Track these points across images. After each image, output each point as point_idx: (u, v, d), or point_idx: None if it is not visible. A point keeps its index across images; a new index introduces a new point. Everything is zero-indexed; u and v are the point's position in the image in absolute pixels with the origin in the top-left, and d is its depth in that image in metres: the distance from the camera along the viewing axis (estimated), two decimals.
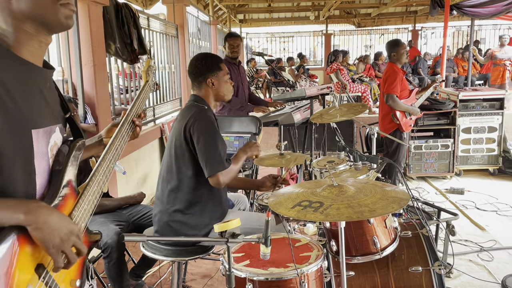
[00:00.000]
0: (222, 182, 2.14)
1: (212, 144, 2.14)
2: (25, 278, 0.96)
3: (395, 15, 15.67)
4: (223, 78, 2.33)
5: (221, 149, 2.19)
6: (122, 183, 3.88)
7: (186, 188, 2.20)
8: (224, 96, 2.36)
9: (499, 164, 5.24)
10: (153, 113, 5.02)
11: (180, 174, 2.21)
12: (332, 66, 8.73)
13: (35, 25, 1.07)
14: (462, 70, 10.22)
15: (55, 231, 1.00)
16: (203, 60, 2.33)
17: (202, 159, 2.14)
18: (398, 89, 4.00)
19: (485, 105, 5.15)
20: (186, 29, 6.55)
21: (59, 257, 1.01)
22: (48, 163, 1.12)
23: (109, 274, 2.38)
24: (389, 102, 4.01)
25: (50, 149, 1.13)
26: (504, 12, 6.17)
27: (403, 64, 4.15)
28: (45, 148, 1.10)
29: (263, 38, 17.57)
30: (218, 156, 2.15)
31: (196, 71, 2.31)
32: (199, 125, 2.15)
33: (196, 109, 2.23)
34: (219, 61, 2.36)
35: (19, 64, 1.06)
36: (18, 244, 0.96)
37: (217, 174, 2.12)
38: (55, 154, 1.15)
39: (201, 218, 2.22)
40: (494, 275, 2.94)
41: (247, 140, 3.23)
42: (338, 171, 2.67)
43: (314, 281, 1.73)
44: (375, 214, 1.54)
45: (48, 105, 1.14)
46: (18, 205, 0.99)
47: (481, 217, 4.01)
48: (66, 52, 3.33)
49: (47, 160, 1.12)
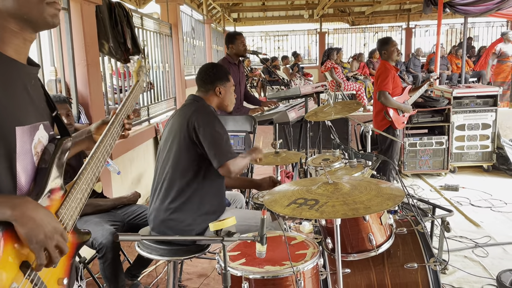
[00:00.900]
0: (232, 171, 2.16)
1: (218, 135, 2.18)
2: (9, 275, 0.95)
3: (389, 13, 15.71)
4: (230, 90, 2.42)
5: (227, 140, 2.23)
6: (116, 183, 3.87)
7: (183, 186, 2.20)
8: (227, 106, 2.44)
9: (493, 160, 5.27)
10: (148, 113, 5.00)
11: (178, 172, 2.20)
12: (327, 64, 8.74)
13: (20, 24, 1.07)
14: (456, 67, 10.26)
15: (40, 227, 0.99)
16: (214, 68, 2.43)
17: (210, 150, 2.16)
18: (390, 86, 4.03)
19: (479, 102, 5.18)
20: (180, 28, 6.53)
21: (41, 253, 1.00)
22: (33, 161, 1.11)
23: (104, 274, 2.37)
24: (381, 99, 4.05)
25: (34, 147, 1.11)
26: (494, 9, 6.21)
27: (395, 61, 4.17)
28: (28, 145, 1.09)
29: (257, 37, 17.55)
30: (226, 147, 2.19)
31: (206, 78, 2.38)
32: (204, 119, 2.20)
33: (197, 105, 2.30)
34: (228, 73, 2.44)
35: (3, 61, 1.06)
36: (4, 240, 0.95)
37: (227, 163, 2.14)
38: (40, 153, 1.14)
39: (197, 216, 2.21)
40: (489, 270, 2.96)
41: (242, 138, 3.22)
42: (333, 169, 2.67)
43: (310, 278, 1.73)
44: (371, 211, 1.54)
45: (32, 102, 1.13)
46: (5, 200, 0.98)
47: (475, 214, 4.03)
48: (59, 52, 3.31)
49: (31, 157, 1.10)
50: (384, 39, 4.29)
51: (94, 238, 2.35)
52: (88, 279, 2.68)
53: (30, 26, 1.09)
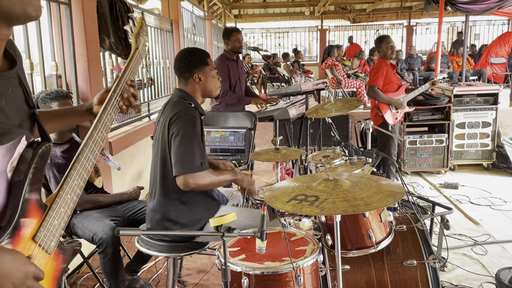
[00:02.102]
0: (188, 184, 2.05)
1: (187, 144, 2.07)
2: None
3: (390, 11, 15.69)
4: (210, 73, 2.25)
5: (196, 152, 2.09)
6: (117, 178, 3.87)
7: (174, 186, 2.12)
8: (211, 92, 2.28)
9: (493, 159, 5.28)
10: (148, 109, 5.00)
11: (167, 173, 2.14)
12: (327, 61, 8.73)
13: None
14: (456, 65, 10.25)
15: (5, 278, 0.87)
16: (189, 55, 2.27)
17: (172, 157, 2.08)
18: (379, 82, 4.10)
19: (479, 100, 5.17)
20: (181, 24, 6.52)
21: None
22: (7, 179, 0.98)
23: (104, 269, 2.38)
24: (370, 93, 4.18)
25: (10, 163, 0.99)
26: (496, 8, 6.21)
27: (391, 58, 4.21)
28: (5, 165, 0.97)
29: (258, 34, 17.53)
30: (190, 158, 2.06)
31: (182, 67, 2.23)
32: (180, 123, 2.08)
33: (183, 107, 2.16)
34: (206, 56, 2.29)
35: None
36: None
37: (184, 175, 2.04)
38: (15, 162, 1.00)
39: (193, 215, 2.19)
40: (488, 268, 2.97)
41: (243, 135, 3.22)
42: (333, 166, 2.67)
43: (309, 275, 1.73)
44: (371, 207, 1.54)
45: (9, 118, 0.97)
46: None
47: (475, 212, 4.04)
48: (59, 47, 3.30)
49: (5, 177, 0.98)
50: (380, 37, 4.35)
51: (95, 233, 2.35)
52: (88, 273, 2.69)
53: (7, 21, 0.94)
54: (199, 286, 2.86)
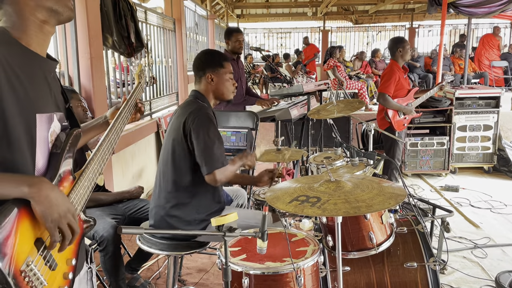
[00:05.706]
0: (218, 180, 2.13)
1: (210, 141, 2.12)
2: (25, 249, 1.01)
3: (393, 13, 15.67)
4: (224, 76, 2.29)
5: (219, 146, 2.17)
6: (118, 177, 3.88)
7: (183, 184, 2.19)
8: (223, 94, 2.32)
9: (494, 162, 5.28)
10: (150, 107, 5.00)
11: (177, 170, 2.19)
12: (329, 62, 8.73)
13: (47, 14, 1.16)
14: (458, 68, 10.23)
15: (54, 206, 1.04)
16: (206, 55, 2.35)
17: (200, 156, 2.13)
18: (391, 89, 4.03)
19: (481, 103, 5.17)
20: (184, 23, 6.52)
21: (55, 231, 1.06)
22: (48, 148, 1.18)
23: (105, 267, 2.38)
24: (380, 100, 4.09)
25: (50, 134, 1.18)
26: (498, 11, 6.21)
27: (406, 61, 4.16)
28: (46, 132, 1.16)
29: (260, 34, 17.53)
30: (217, 154, 2.13)
31: (198, 64, 2.31)
32: (198, 122, 2.13)
33: (196, 106, 2.22)
34: (223, 59, 2.33)
35: (27, 53, 1.14)
36: (20, 217, 1.01)
37: (214, 172, 2.11)
38: (54, 140, 1.21)
39: (198, 214, 2.21)
40: (487, 272, 2.97)
41: (244, 134, 3.23)
42: (335, 167, 2.68)
43: (310, 275, 1.74)
44: (372, 209, 1.54)
45: (51, 92, 1.21)
46: (22, 179, 1.04)
47: (475, 215, 4.04)
48: (63, 45, 3.31)
49: (47, 144, 1.17)
50: (399, 37, 4.26)
51: (95, 231, 2.36)
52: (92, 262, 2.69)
53: (55, 17, 1.18)
54: (199, 286, 2.86)
